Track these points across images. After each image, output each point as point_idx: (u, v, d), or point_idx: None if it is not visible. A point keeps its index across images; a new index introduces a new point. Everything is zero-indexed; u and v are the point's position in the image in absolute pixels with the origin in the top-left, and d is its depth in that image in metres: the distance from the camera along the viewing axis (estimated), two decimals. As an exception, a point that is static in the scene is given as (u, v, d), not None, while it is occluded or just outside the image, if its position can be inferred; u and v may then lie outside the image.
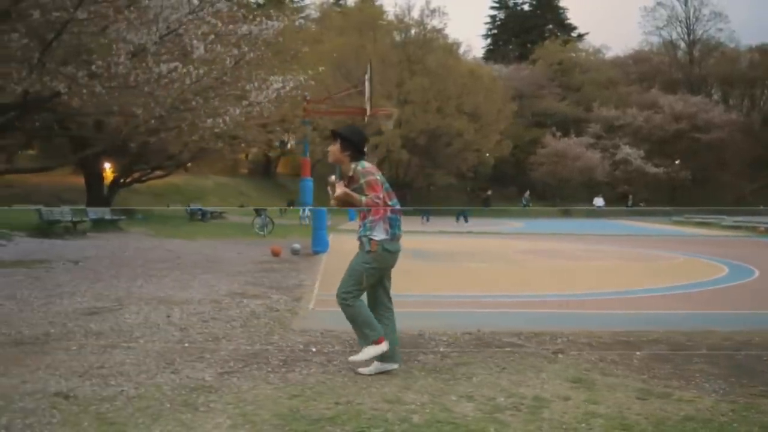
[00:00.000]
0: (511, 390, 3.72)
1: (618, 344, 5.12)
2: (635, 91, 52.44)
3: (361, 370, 4.08)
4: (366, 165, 4.17)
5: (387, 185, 4.23)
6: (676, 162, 46.91)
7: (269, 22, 8.20)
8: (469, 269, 11.41)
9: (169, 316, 6.09)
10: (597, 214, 36.70)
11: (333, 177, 4.32)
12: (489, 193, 31.98)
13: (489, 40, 66.61)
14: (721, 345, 5.08)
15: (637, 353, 4.80)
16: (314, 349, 4.82)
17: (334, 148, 4.25)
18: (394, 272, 4.40)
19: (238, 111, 8.55)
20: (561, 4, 65.64)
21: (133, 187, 23.64)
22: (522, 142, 48.35)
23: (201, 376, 4.01)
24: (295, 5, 41.28)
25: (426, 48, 37.75)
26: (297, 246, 13.74)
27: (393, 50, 37.01)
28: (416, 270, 11.00)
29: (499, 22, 66.32)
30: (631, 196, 40.83)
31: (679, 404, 3.51)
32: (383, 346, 4.02)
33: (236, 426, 3.11)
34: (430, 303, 7.62)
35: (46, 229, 16.62)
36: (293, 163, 40.67)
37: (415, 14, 43.23)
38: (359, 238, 4.21)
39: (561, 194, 46.06)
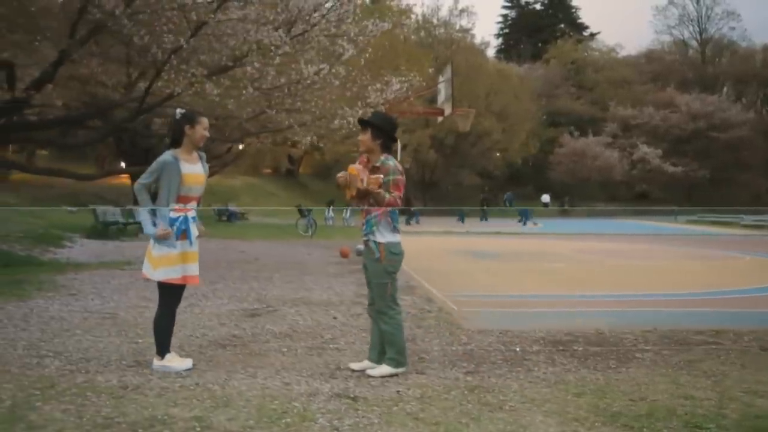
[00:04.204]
0: (787, 386, 3.77)
1: (812, 342, 5.17)
2: (650, 90, 52.45)
3: (371, 371, 4.06)
4: (397, 163, 4.13)
5: None
6: (694, 161, 46.94)
7: (381, 23, 8.22)
8: (551, 269, 11.45)
9: (335, 318, 6.11)
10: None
11: (358, 165, 4.17)
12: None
13: (501, 40, 66.68)
14: None
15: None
16: (518, 349, 4.85)
17: (364, 137, 4.14)
18: (485, 274, 4.41)
19: (360, 112, 8.56)
20: (573, 3, 65.70)
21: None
22: (539, 141, 48.40)
23: (455, 376, 4.05)
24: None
25: (454, 48, 37.79)
26: (361, 247, 13.73)
27: (421, 49, 37.04)
28: (498, 270, 11.11)
29: (510, 22, 66.35)
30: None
31: None
32: (400, 371, 4.03)
33: (564, 423, 3.15)
34: (560, 303, 7.64)
35: (101, 231, 16.58)
36: (314, 162, 40.73)
37: (444, 13, 43.49)
38: (365, 239, 4.17)
39: (580, 194, 46.06)
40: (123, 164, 31.83)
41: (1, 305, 6.39)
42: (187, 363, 4.16)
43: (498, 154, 43.56)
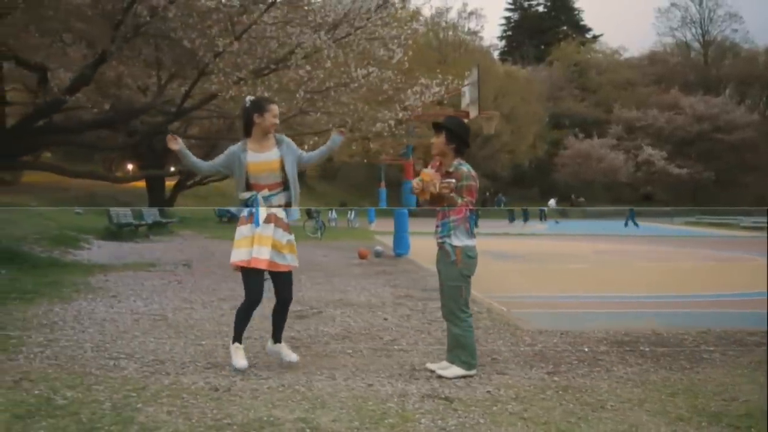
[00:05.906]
0: None
1: None
2: (654, 92, 52.50)
3: (442, 372, 4.04)
4: (470, 168, 4.12)
5: None
6: (698, 163, 47.00)
7: (418, 26, 8.17)
8: (576, 270, 11.45)
9: (386, 319, 6.09)
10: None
11: (430, 169, 4.15)
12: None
13: (504, 42, 66.65)
14: None
15: None
16: (586, 349, 4.84)
17: (438, 141, 4.13)
18: (514, 275, 4.36)
19: (401, 115, 8.52)
20: (575, 5, 65.81)
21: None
22: (545, 143, 48.41)
23: (539, 376, 4.04)
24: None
25: (463, 50, 37.83)
26: (380, 249, 13.73)
27: (430, 51, 37.07)
28: (526, 271, 11.12)
29: (513, 24, 66.41)
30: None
31: None
32: (472, 373, 4.02)
33: (671, 423, 3.17)
34: (606, 305, 7.64)
35: (115, 233, 16.51)
36: (320, 165, 40.70)
37: (452, 16, 43.54)
38: (440, 242, 4.15)
39: (584, 196, 46.11)
40: (130, 166, 31.83)
41: (48, 307, 6.36)
42: (243, 364, 4.07)
43: (502, 156, 43.52)
